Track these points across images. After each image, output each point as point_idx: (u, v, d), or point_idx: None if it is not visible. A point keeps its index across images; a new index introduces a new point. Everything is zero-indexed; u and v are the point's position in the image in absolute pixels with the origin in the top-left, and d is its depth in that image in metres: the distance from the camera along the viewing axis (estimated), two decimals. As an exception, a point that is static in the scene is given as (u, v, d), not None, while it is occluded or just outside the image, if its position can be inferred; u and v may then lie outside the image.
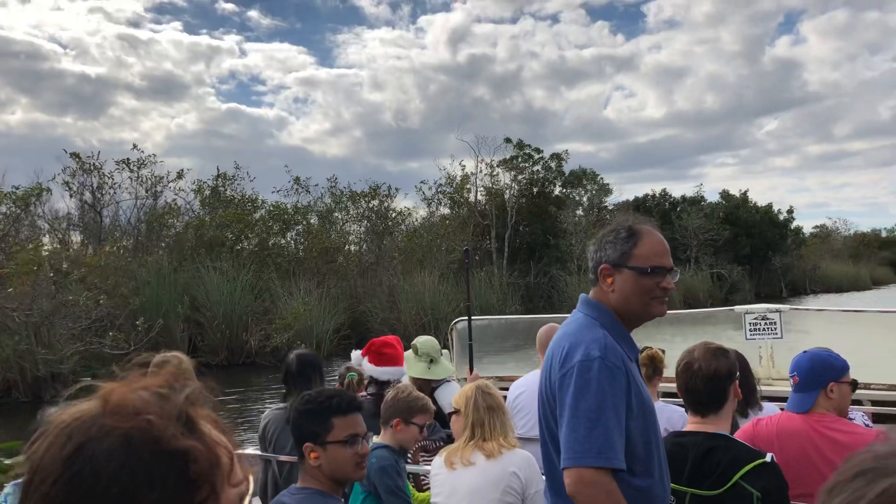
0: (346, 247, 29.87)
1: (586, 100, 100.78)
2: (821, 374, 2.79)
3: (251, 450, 4.12)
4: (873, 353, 5.87)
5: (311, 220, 29.46)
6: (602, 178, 42.87)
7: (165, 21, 78.48)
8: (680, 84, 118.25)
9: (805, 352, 2.91)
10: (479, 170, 36.08)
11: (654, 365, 4.00)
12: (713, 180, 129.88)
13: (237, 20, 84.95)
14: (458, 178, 35.59)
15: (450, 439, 3.52)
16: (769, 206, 49.65)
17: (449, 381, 4.34)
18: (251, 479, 0.88)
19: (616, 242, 2.13)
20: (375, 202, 31.26)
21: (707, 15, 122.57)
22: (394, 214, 32.07)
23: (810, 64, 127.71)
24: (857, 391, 4.45)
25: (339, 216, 31.02)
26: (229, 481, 0.82)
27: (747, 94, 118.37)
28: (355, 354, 4.61)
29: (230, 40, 76.71)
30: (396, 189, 32.02)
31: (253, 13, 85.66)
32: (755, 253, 45.68)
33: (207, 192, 26.88)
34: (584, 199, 42.07)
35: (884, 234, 76.79)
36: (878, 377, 5.22)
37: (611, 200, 43.67)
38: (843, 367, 2.84)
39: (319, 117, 76.88)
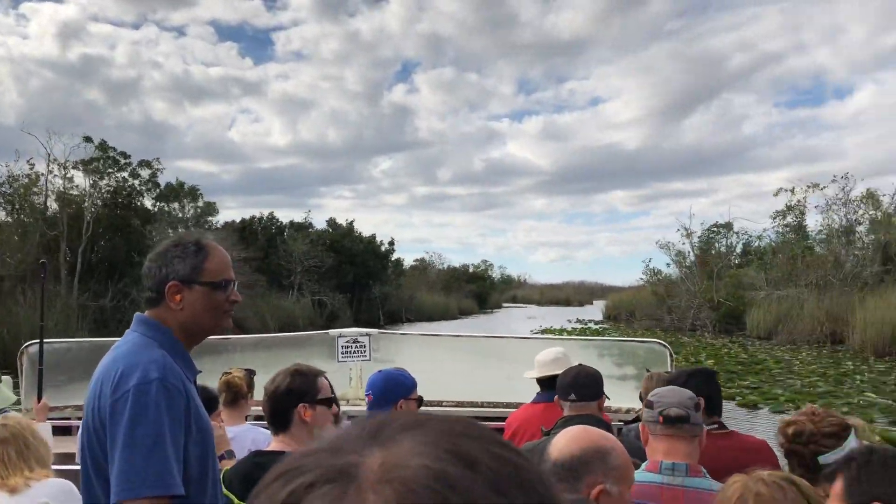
0: None
1: (211, 118, 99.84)
2: (392, 392, 3.23)
3: None
4: (447, 373, 6.96)
5: None
6: (203, 195, 42.42)
7: None
8: (305, 115, 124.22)
9: (379, 371, 3.33)
10: (49, 170, 32.78)
11: (233, 391, 4.14)
12: (332, 211, 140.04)
13: None
14: (24, 179, 31.90)
15: None
16: (373, 236, 54.34)
17: (7, 411, 4.08)
18: None
19: (185, 257, 2.16)
20: None
21: (334, 53, 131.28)
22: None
23: (422, 112, 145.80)
24: (433, 408, 5.30)
25: None
26: None
27: (367, 132, 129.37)
28: None
29: None
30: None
31: None
32: (358, 281, 49.38)
33: None
34: (188, 215, 41.08)
35: (471, 270, 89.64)
36: (448, 395, 6.25)
37: (216, 220, 43.49)
38: (411, 386, 3.31)
39: None
